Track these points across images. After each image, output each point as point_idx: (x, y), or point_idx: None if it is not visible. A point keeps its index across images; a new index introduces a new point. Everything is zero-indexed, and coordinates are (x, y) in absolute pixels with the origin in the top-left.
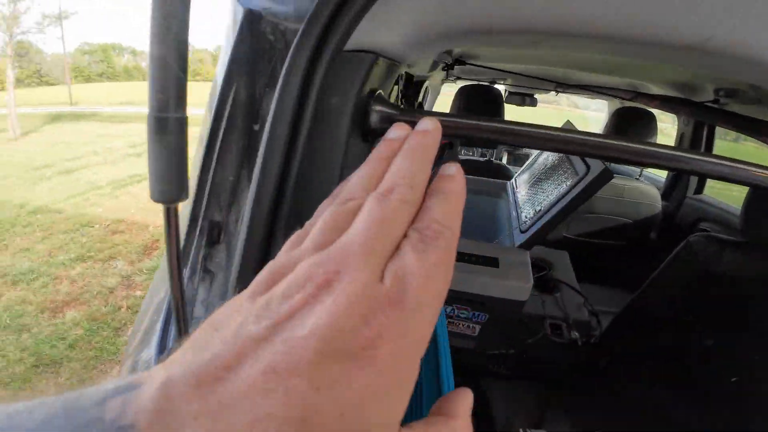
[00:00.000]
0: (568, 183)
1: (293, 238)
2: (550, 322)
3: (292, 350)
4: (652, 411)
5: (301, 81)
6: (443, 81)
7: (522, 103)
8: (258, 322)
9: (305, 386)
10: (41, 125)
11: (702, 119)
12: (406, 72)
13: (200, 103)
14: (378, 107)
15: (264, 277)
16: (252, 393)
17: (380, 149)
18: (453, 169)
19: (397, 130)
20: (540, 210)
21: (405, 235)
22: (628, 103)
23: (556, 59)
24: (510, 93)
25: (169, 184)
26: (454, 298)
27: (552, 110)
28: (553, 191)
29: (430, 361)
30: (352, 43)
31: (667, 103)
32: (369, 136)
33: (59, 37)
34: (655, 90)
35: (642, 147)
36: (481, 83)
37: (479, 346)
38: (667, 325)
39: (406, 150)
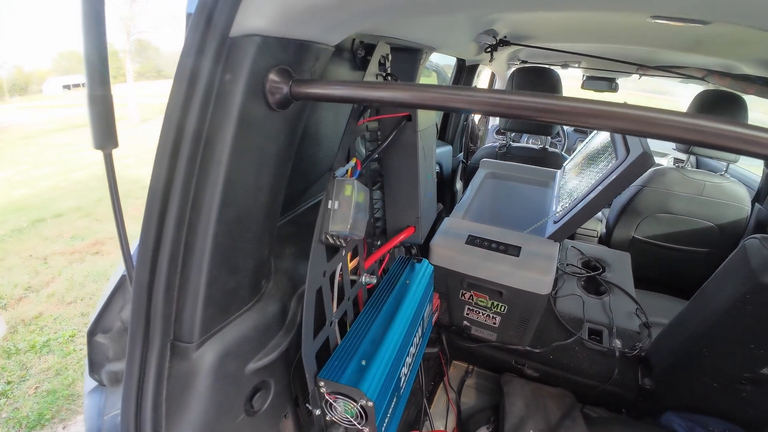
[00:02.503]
0: (606, 170)
1: None
2: (589, 326)
3: None
4: None
5: (192, 64)
6: (509, 65)
7: (601, 89)
8: None
9: None
10: (159, 114)
11: None
12: (460, 59)
13: None
14: (272, 78)
15: None
16: None
17: None
18: None
19: None
20: (575, 199)
21: None
22: (724, 88)
23: (628, 36)
24: (588, 78)
25: (102, 137)
26: (471, 284)
27: (666, 102)
28: (591, 179)
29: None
30: (236, 30)
31: (751, 83)
32: (273, 104)
33: (174, 36)
34: (748, 71)
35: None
36: (537, 66)
37: (501, 339)
38: (717, 344)
39: None
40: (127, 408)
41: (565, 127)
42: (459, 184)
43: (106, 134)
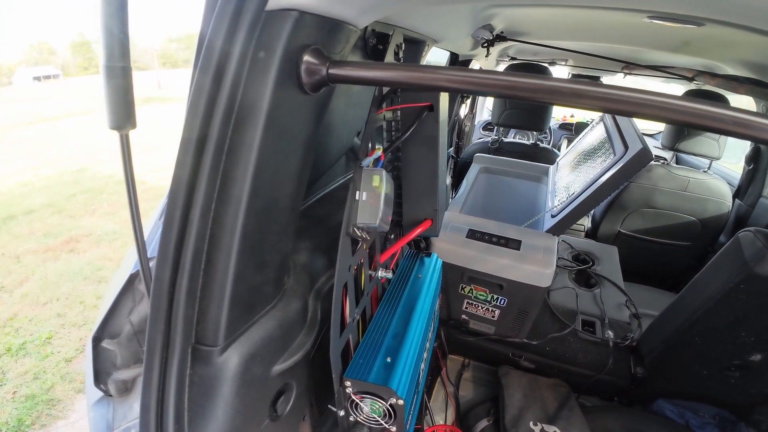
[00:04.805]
0: (604, 165)
1: None
2: (582, 318)
3: None
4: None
5: (223, 39)
6: (498, 62)
7: None
8: None
9: None
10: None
11: None
12: (454, 53)
13: None
14: (308, 59)
15: None
16: None
17: None
18: None
19: None
20: (573, 194)
21: None
22: (707, 88)
23: (619, 35)
24: (573, 76)
25: (120, 116)
26: (472, 278)
27: None
28: (589, 174)
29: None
30: (273, 3)
31: (741, 83)
32: (306, 86)
33: (149, 28)
34: (732, 72)
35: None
36: (529, 62)
37: (498, 332)
38: (709, 332)
39: None
40: (147, 419)
41: (551, 124)
42: (448, 180)
43: (124, 112)
